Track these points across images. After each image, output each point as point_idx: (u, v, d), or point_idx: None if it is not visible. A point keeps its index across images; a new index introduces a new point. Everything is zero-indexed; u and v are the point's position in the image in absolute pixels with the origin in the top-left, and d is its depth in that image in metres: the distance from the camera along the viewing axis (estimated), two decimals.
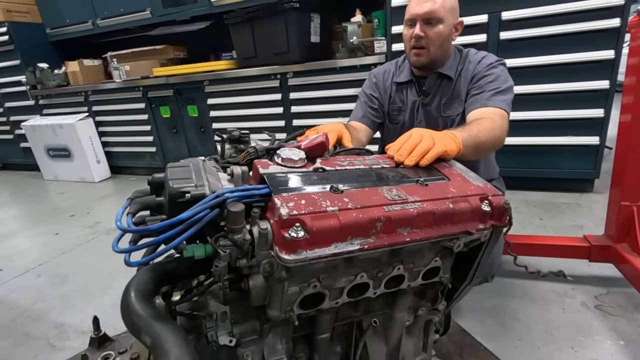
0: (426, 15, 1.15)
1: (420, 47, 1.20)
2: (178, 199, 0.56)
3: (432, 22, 1.16)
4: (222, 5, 3.01)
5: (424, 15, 1.15)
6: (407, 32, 1.22)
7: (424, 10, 1.15)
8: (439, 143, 0.80)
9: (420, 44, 1.19)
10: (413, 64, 1.27)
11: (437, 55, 1.22)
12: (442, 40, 1.19)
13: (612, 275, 1.49)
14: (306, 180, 0.67)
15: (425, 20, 1.16)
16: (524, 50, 2.15)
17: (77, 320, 1.55)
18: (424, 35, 1.17)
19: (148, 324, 0.47)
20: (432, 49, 1.20)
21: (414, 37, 1.18)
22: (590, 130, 2.19)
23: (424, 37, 1.17)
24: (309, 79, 2.72)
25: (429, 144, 0.79)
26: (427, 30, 1.17)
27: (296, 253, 0.55)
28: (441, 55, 1.24)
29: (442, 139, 0.83)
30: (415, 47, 1.20)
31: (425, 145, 0.78)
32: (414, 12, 1.17)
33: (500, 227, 0.74)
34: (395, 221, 0.62)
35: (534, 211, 2.19)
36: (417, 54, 1.22)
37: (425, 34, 1.17)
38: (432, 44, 1.19)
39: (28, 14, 3.80)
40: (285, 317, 0.65)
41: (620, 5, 1.93)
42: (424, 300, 0.86)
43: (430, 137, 0.81)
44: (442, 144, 0.80)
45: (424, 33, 1.17)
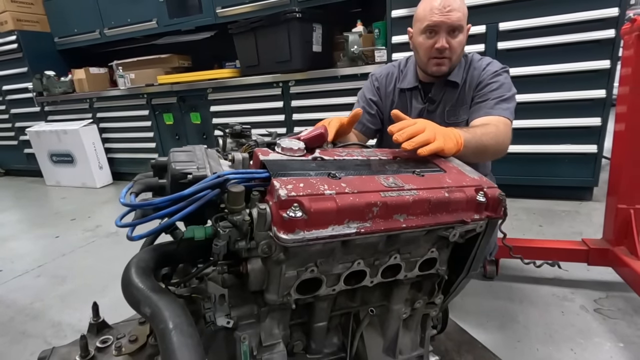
0: (452, 25, 1.11)
1: (443, 57, 1.16)
2: (180, 180, 0.58)
3: (455, 31, 1.13)
4: (226, 16, 3.10)
5: (450, 25, 1.10)
6: (425, 41, 1.15)
7: (451, 20, 1.09)
8: (439, 140, 0.81)
9: (444, 55, 1.15)
10: (434, 73, 1.21)
11: (456, 64, 1.21)
12: (462, 48, 1.17)
13: (611, 280, 1.49)
14: (305, 167, 0.68)
15: (450, 30, 1.12)
16: (522, 59, 2.19)
17: (75, 319, 1.54)
18: (448, 46, 1.13)
19: (147, 295, 0.48)
20: (454, 58, 1.17)
21: (439, 48, 1.13)
22: (588, 138, 2.21)
23: (448, 47, 1.13)
24: (310, 87, 2.77)
25: (431, 136, 0.80)
26: (450, 41, 1.13)
27: (294, 233, 0.56)
28: (456, 64, 1.22)
29: (444, 136, 0.83)
30: (438, 57, 1.16)
31: (426, 136, 0.79)
32: (437, 21, 1.10)
33: (496, 219, 0.75)
34: (391, 207, 0.64)
35: (533, 218, 2.19)
36: (439, 64, 1.17)
37: (449, 45, 1.13)
38: (454, 53, 1.16)
39: (37, 24, 3.90)
40: (282, 302, 0.66)
41: (614, 17, 1.98)
42: (421, 293, 0.86)
43: (433, 131, 0.81)
44: (441, 142, 0.81)
45: (448, 44, 1.13)
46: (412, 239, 0.71)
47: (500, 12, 2.17)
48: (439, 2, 1.11)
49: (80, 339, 0.65)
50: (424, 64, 1.22)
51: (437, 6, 1.11)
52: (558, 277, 1.55)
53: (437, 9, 1.10)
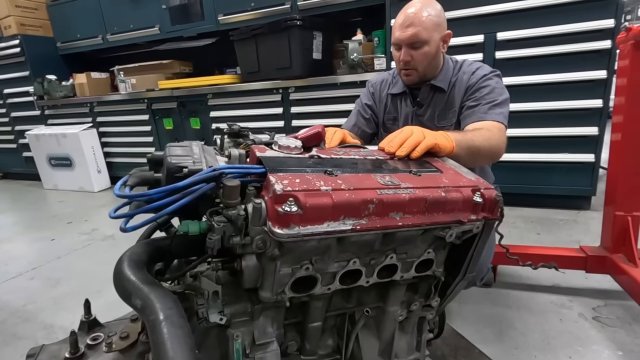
0: (409, 40, 1.16)
1: (409, 68, 1.22)
2: (175, 174, 0.58)
3: (416, 45, 1.17)
4: (228, 23, 3.13)
5: (407, 40, 1.16)
6: (395, 53, 1.24)
7: (407, 35, 1.15)
8: (430, 136, 0.83)
9: (408, 66, 1.21)
10: (405, 82, 1.29)
11: (427, 72, 1.24)
12: (429, 59, 1.20)
13: (609, 288, 1.48)
14: (301, 164, 0.68)
15: (409, 44, 1.17)
16: (519, 69, 2.22)
17: (67, 321, 1.52)
18: (410, 59, 1.19)
19: (138, 287, 0.47)
20: (420, 69, 1.22)
21: (401, 61, 1.20)
22: (585, 147, 2.22)
23: (410, 60, 1.19)
24: (310, 93, 2.79)
25: (419, 137, 0.81)
26: (412, 53, 1.18)
27: (289, 228, 0.56)
28: (432, 71, 1.25)
29: (433, 134, 0.85)
30: (404, 68, 1.23)
31: (415, 138, 0.81)
32: (398, 37, 1.18)
33: (492, 220, 0.75)
34: (387, 204, 0.64)
35: (531, 226, 2.19)
36: (407, 74, 1.25)
37: (411, 57, 1.18)
38: (420, 65, 1.20)
39: (41, 28, 3.94)
40: (276, 300, 0.65)
41: (610, 28, 2.00)
42: (417, 295, 0.85)
43: (421, 132, 0.83)
44: (432, 137, 0.83)
45: (410, 57, 1.18)
46: (408, 238, 0.71)
47: (497, 22, 2.20)
48: (401, 19, 1.18)
49: (70, 335, 0.64)
50: (400, 75, 1.30)
51: (400, 23, 1.18)
52: (556, 285, 1.54)
53: (399, 25, 1.18)
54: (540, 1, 2.09)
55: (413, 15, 1.15)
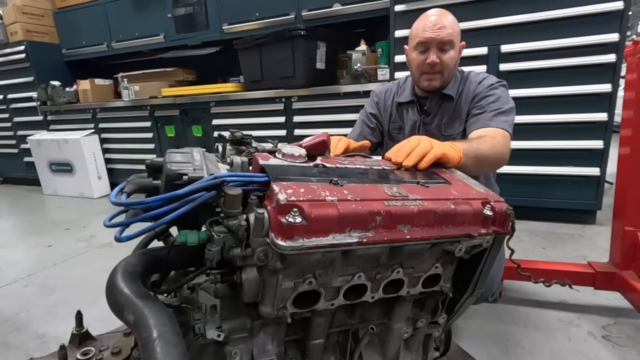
0: (442, 41, 1.15)
1: (435, 72, 1.19)
2: (175, 181, 0.55)
3: (445, 48, 1.16)
4: (232, 32, 3.15)
5: (440, 41, 1.15)
6: (417, 56, 1.20)
7: (440, 36, 1.14)
8: (437, 146, 0.81)
9: (435, 69, 1.19)
10: (425, 88, 1.25)
11: (448, 79, 1.23)
12: (454, 64, 1.21)
13: (619, 305, 1.44)
14: (306, 173, 0.66)
15: (439, 46, 1.16)
16: (523, 81, 2.21)
17: (60, 331, 1.48)
18: (438, 61, 1.17)
19: (131, 301, 0.44)
20: (445, 74, 1.20)
21: (430, 63, 1.17)
22: (590, 161, 2.20)
23: (438, 63, 1.17)
24: (313, 103, 2.79)
25: (427, 147, 0.79)
26: (441, 56, 1.17)
27: (292, 240, 0.53)
28: (450, 79, 1.25)
29: (441, 144, 0.83)
30: (429, 72, 1.20)
31: (423, 148, 0.79)
32: (428, 38, 1.15)
33: (503, 234, 0.72)
34: (395, 216, 0.61)
35: (536, 241, 2.15)
36: (430, 79, 1.21)
37: (440, 60, 1.17)
38: (446, 69, 1.19)
39: (46, 35, 3.97)
40: (277, 315, 0.62)
41: (615, 42, 2.00)
42: (424, 312, 0.82)
43: (428, 142, 0.81)
44: (440, 147, 0.81)
45: (439, 59, 1.17)
46: (416, 252, 0.68)
47: (501, 34, 2.21)
48: (430, 20, 1.17)
49: (59, 350, 0.60)
50: (417, 79, 1.27)
51: (429, 24, 1.16)
52: (564, 301, 1.50)
53: (429, 26, 1.16)
54: (545, 15, 2.09)
55: (442, 18, 1.16)
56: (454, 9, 2.19)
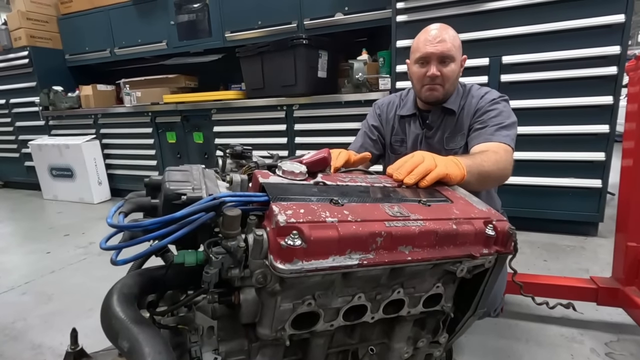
0: (441, 54, 1.17)
1: (435, 84, 1.21)
2: (173, 201, 0.55)
3: (446, 61, 1.18)
4: (235, 40, 3.17)
5: (440, 54, 1.17)
6: (418, 70, 1.22)
7: (440, 50, 1.16)
8: (441, 165, 0.80)
9: (436, 82, 1.20)
10: (426, 99, 1.26)
11: (449, 92, 1.24)
12: (455, 77, 1.21)
13: (622, 322, 1.42)
14: (306, 191, 0.65)
15: (440, 59, 1.18)
16: (525, 92, 2.21)
17: (57, 342, 1.46)
18: (439, 74, 1.18)
19: (126, 327, 0.43)
20: (446, 86, 1.21)
21: (430, 76, 1.19)
22: (591, 172, 2.19)
23: (439, 75, 1.18)
24: (314, 111, 2.79)
25: (431, 165, 0.78)
26: (441, 69, 1.18)
27: (292, 263, 0.52)
28: (452, 91, 1.25)
29: (445, 162, 0.82)
30: (430, 84, 1.21)
31: (426, 166, 0.78)
32: (428, 52, 1.17)
33: (505, 254, 0.71)
34: (396, 237, 0.60)
35: (537, 252, 2.13)
36: (431, 89, 1.22)
37: (440, 72, 1.18)
38: (446, 81, 1.20)
39: (50, 41, 3.99)
40: (275, 337, 0.61)
41: (616, 55, 2.00)
42: (425, 331, 0.81)
43: (432, 159, 0.80)
44: (444, 167, 0.80)
45: (439, 72, 1.18)
46: (417, 272, 0.67)
47: (503, 46, 2.21)
48: (431, 35, 1.19)
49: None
50: (418, 92, 1.28)
51: (430, 38, 1.18)
52: (566, 317, 1.48)
53: (429, 40, 1.18)
54: (546, 27, 2.10)
55: (443, 32, 1.18)
56: (455, 20, 2.23)
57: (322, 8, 2.82)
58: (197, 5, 3.28)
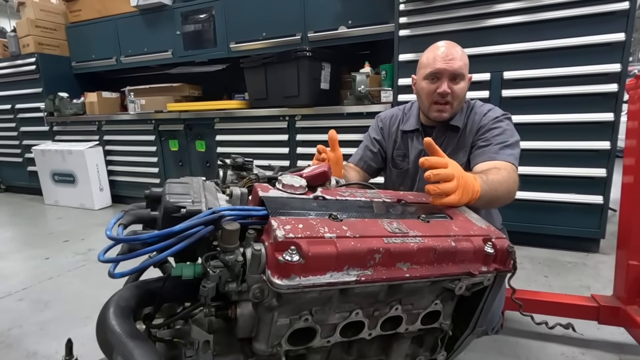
0: (453, 72, 1.16)
1: (445, 102, 1.20)
2: (173, 214, 0.55)
3: (457, 79, 1.18)
4: (239, 51, 3.21)
5: (452, 72, 1.16)
6: (428, 86, 1.21)
7: (452, 67, 1.15)
8: (457, 194, 0.78)
9: (446, 99, 1.19)
10: (435, 119, 1.25)
11: (457, 110, 1.24)
12: (463, 95, 1.21)
13: (623, 342, 1.40)
14: (305, 206, 0.65)
15: (451, 76, 1.17)
16: (526, 107, 2.22)
17: (52, 350, 1.45)
18: (450, 91, 1.17)
19: (122, 342, 0.43)
20: (455, 104, 1.21)
21: (441, 93, 1.18)
22: (593, 189, 2.18)
23: (450, 92, 1.18)
24: (316, 122, 2.80)
25: (453, 188, 0.77)
26: (452, 87, 1.18)
27: (289, 278, 0.52)
28: (459, 109, 1.25)
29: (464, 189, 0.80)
30: (439, 102, 1.20)
31: (450, 187, 0.76)
32: (440, 68, 1.17)
33: (504, 272, 0.71)
34: (394, 254, 0.60)
35: (538, 268, 2.12)
36: (440, 110, 1.21)
37: (451, 90, 1.18)
38: (455, 100, 1.20)
39: (58, 48, 4.05)
40: (271, 353, 0.61)
41: (617, 72, 2.02)
42: (423, 349, 0.80)
43: (457, 183, 0.78)
44: (457, 197, 0.78)
45: (450, 89, 1.17)
46: (415, 289, 0.67)
47: (504, 61, 2.23)
48: (442, 51, 1.18)
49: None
50: (426, 109, 1.26)
51: (441, 55, 1.17)
52: (567, 335, 1.46)
53: (441, 57, 1.17)
54: (547, 44, 2.12)
55: (453, 50, 1.18)
56: (457, 36, 2.26)
57: (326, 21, 2.86)
58: (203, 16, 3.33)
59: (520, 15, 2.16)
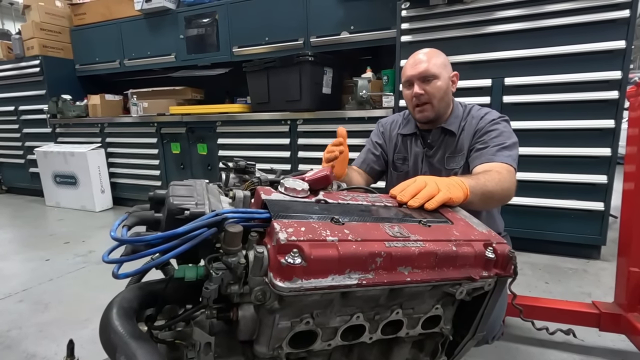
0: (421, 74, 1.22)
1: (424, 103, 1.24)
2: (176, 215, 0.55)
3: (428, 79, 1.22)
4: (242, 55, 3.23)
5: (419, 75, 1.22)
6: (407, 92, 1.28)
7: (419, 71, 1.22)
8: (444, 190, 0.80)
9: (422, 100, 1.24)
10: (419, 120, 1.30)
11: (441, 108, 1.26)
12: (442, 93, 1.24)
13: (624, 349, 1.39)
14: (307, 209, 0.66)
15: (421, 79, 1.22)
16: (527, 114, 2.23)
17: (51, 352, 1.45)
18: (423, 92, 1.22)
19: (125, 342, 0.43)
20: (435, 103, 1.24)
21: (415, 95, 1.23)
22: (594, 195, 2.18)
23: (423, 93, 1.22)
24: (317, 126, 2.82)
25: (434, 190, 0.78)
26: (425, 87, 1.22)
27: (291, 281, 0.53)
28: (445, 108, 1.27)
29: (447, 185, 0.82)
30: (418, 104, 1.25)
31: (429, 190, 0.78)
32: (409, 74, 1.24)
33: (505, 277, 0.71)
34: (395, 258, 0.60)
35: (539, 274, 2.11)
36: (421, 110, 1.26)
37: (425, 91, 1.22)
38: (433, 98, 1.23)
39: (62, 51, 4.09)
40: (272, 355, 0.61)
41: (617, 79, 2.03)
42: (423, 354, 0.80)
43: (435, 184, 0.80)
44: (447, 191, 0.80)
45: (423, 90, 1.22)
46: (416, 293, 0.67)
47: (505, 67, 2.25)
48: (412, 60, 1.26)
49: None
50: (412, 113, 1.32)
51: (411, 62, 1.26)
52: (567, 342, 1.45)
53: (410, 65, 1.25)
54: (548, 50, 2.14)
55: (422, 55, 1.25)
56: (458, 42, 2.28)
57: (329, 27, 2.89)
58: (206, 21, 3.36)
59: (521, 23, 2.17)
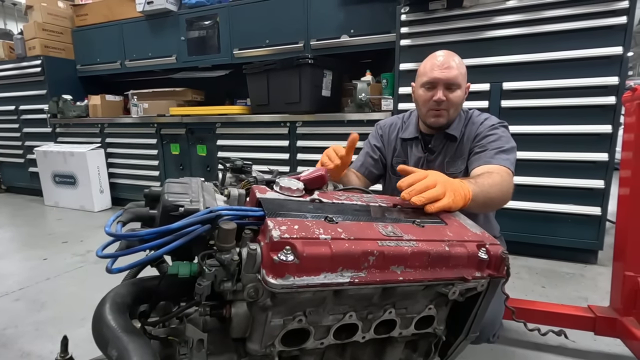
0: (448, 81, 1.19)
1: (441, 109, 1.23)
2: (171, 212, 0.56)
3: (452, 87, 1.21)
4: (242, 57, 3.25)
5: (447, 80, 1.19)
6: (424, 93, 1.25)
7: (447, 76, 1.19)
8: (449, 196, 0.79)
9: (442, 107, 1.22)
10: (432, 124, 1.28)
11: (453, 117, 1.27)
12: (459, 104, 1.24)
13: (620, 353, 1.39)
14: (302, 208, 0.66)
15: (446, 85, 1.20)
16: (525, 118, 2.24)
17: (46, 350, 1.45)
18: (445, 99, 1.21)
19: (116, 336, 0.44)
20: (451, 112, 1.24)
21: (436, 100, 1.21)
22: (591, 200, 2.19)
23: (445, 100, 1.21)
24: (317, 129, 2.83)
25: (441, 193, 0.78)
26: (447, 95, 1.21)
27: (283, 278, 0.53)
28: (456, 117, 1.28)
29: (454, 192, 0.81)
30: (435, 109, 1.23)
31: (436, 192, 0.78)
32: (436, 77, 1.20)
33: (498, 278, 0.72)
34: (388, 257, 0.61)
35: (536, 279, 2.11)
36: (437, 115, 1.24)
37: (447, 98, 1.21)
38: (451, 107, 1.23)
39: (63, 51, 4.10)
40: (265, 353, 0.61)
41: (615, 85, 2.04)
42: (416, 354, 0.80)
43: (444, 187, 0.79)
44: (449, 199, 0.79)
45: (445, 97, 1.21)
46: (409, 293, 0.68)
47: (503, 72, 2.26)
48: (439, 61, 1.21)
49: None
50: (423, 116, 1.29)
51: (438, 64, 1.21)
52: (563, 345, 1.45)
53: (437, 66, 1.21)
54: (546, 56, 2.15)
55: (450, 59, 1.21)
56: (458, 46, 2.29)
57: (329, 30, 2.90)
58: (207, 23, 3.38)
59: (520, 28, 2.19)
